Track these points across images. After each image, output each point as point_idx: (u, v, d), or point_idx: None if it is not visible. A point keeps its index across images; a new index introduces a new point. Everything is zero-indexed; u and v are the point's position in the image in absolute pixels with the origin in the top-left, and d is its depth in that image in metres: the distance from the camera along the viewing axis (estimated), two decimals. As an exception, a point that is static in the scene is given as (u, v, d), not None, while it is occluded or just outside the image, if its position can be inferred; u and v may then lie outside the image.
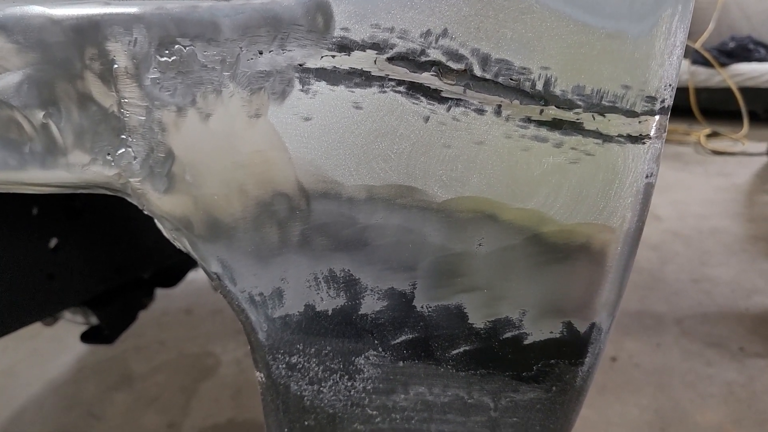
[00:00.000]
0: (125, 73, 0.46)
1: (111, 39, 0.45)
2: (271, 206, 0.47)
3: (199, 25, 0.44)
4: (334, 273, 0.49)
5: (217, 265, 0.50)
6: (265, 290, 0.50)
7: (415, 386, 0.52)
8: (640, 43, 0.41)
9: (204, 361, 2.06)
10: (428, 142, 0.44)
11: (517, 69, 0.42)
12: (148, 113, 0.46)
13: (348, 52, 0.43)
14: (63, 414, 1.82)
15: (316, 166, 0.46)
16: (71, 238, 1.08)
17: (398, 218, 0.46)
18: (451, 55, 0.42)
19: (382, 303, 0.50)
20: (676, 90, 1.66)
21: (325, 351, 0.52)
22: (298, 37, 0.43)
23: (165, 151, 0.47)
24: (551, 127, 0.43)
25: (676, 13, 0.40)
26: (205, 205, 0.48)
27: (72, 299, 1.14)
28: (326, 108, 0.44)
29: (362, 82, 0.43)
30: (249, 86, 0.44)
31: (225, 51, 0.44)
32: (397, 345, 0.51)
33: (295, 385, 0.53)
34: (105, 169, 0.49)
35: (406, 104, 0.43)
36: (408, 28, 0.42)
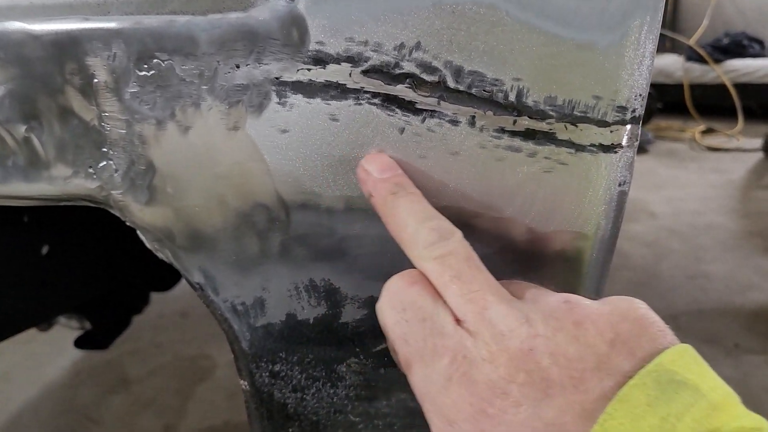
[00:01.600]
0: (105, 88, 0.46)
1: (90, 54, 0.45)
2: (251, 217, 0.48)
3: (176, 39, 0.44)
4: (314, 282, 0.50)
5: (199, 275, 0.50)
6: (247, 300, 0.51)
7: (397, 393, 0.53)
8: (609, 53, 0.41)
9: (200, 363, 2.06)
10: (404, 153, 0.45)
11: (489, 80, 0.42)
12: (128, 126, 0.47)
13: (323, 65, 0.43)
14: (59, 418, 1.83)
15: (295, 177, 0.46)
16: (63, 244, 1.08)
17: (376, 228, 0.46)
18: (425, 68, 0.43)
19: (362, 311, 0.50)
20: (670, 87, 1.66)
21: (308, 359, 0.52)
22: (274, 51, 0.43)
23: (146, 163, 0.48)
24: (525, 137, 0.44)
25: (645, 24, 0.40)
26: (186, 216, 0.49)
27: (65, 306, 1.14)
28: (303, 120, 0.45)
29: (338, 94, 0.44)
30: (227, 99, 0.45)
31: (203, 65, 0.44)
32: (378, 352, 0.52)
33: (278, 393, 0.54)
34: (87, 181, 0.49)
35: (382, 116, 0.44)
36: (382, 42, 0.42)
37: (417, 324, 0.38)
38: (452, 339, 0.36)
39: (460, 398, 0.35)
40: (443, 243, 0.39)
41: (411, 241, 0.40)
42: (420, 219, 0.40)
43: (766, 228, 3.03)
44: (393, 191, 0.42)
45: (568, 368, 0.34)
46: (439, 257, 0.38)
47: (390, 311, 0.40)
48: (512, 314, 0.36)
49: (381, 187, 0.43)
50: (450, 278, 0.38)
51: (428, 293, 0.38)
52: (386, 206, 0.42)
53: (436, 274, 0.38)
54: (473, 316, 0.36)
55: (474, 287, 0.37)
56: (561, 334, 0.35)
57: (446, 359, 0.36)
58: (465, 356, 0.35)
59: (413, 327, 0.38)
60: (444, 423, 0.36)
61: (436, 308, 0.38)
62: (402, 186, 0.42)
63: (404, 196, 0.42)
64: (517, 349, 0.35)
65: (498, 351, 0.35)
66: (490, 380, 0.34)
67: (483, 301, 0.36)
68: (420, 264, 0.40)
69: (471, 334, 0.36)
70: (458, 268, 0.38)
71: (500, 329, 0.35)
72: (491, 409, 0.34)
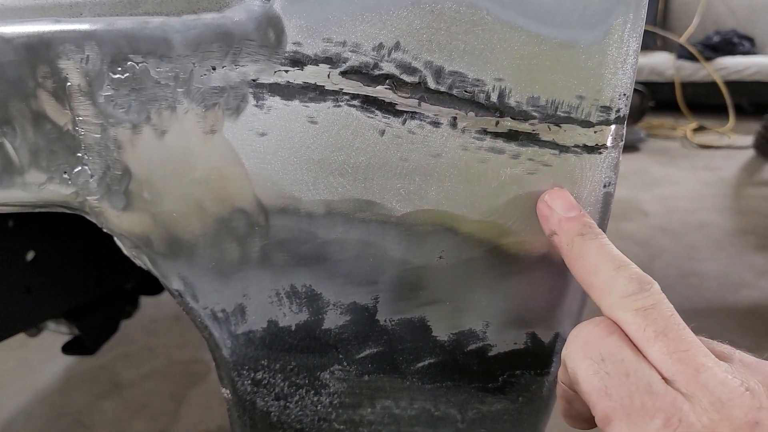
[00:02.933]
0: (79, 91, 0.45)
1: (63, 57, 0.44)
2: (230, 223, 0.47)
3: (150, 41, 0.43)
4: (295, 288, 0.49)
5: (178, 282, 0.49)
6: (228, 306, 0.50)
7: (381, 400, 0.52)
8: (592, 52, 0.40)
9: (193, 367, 2.05)
10: (385, 156, 0.44)
11: (471, 81, 0.41)
12: (103, 131, 0.46)
13: (301, 66, 0.42)
14: (52, 424, 1.81)
15: (274, 181, 0.45)
16: (49, 250, 1.07)
17: (358, 233, 0.45)
18: (405, 68, 0.42)
19: (345, 317, 0.49)
20: (661, 85, 1.66)
21: (290, 366, 0.51)
22: (250, 53, 0.42)
23: (121, 168, 0.47)
24: (507, 138, 0.43)
25: (628, 22, 0.40)
26: (164, 222, 0.48)
27: (51, 312, 1.13)
28: (281, 123, 0.44)
29: (316, 96, 0.43)
30: (203, 102, 0.44)
31: (178, 67, 0.43)
32: (361, 359, 0.51)
33: (261, 401, 0.53)
34: (62, 187, 0.48)
35: (361, 118, 0.43)
36: (360, 42, 0.41)
37: (620, 378, 0.35)
38: (665, 400, 0.33)
39: None
40: (645, 294, 0.36)
41: (605, 289, 0.38)
42: (615, 265, 0.38)
43: (758, 225, 3.03)
44: (581, 232, 0.40)
45: None
46: (641, 309, 0.36)
47: (585, 361, 0.37)
48: (731, 381, 0.33)
49: (568, 227, 0.41)
50: (655, 334, 0.35)
51: (627, 346, 0.36)
52: (573, 248, 0.40)
53: (637, 327, 0.36)
54: (685, 378, 0.33)
55: (683, 347, 0.35)
56: None
57: (659, 421, 0.33)
58: (681, 420, 0.33)
59: (616, 380, 0.35)
60: None
61: (639, 363, 0.35)
62: (590, 227, 0.40)
63: (593, 238, 0.40)
64: (741, 421, 0.32)
65: (720, 420, 0.32)
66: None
67: (695, 362, 0.34)
68: (615, 313, 0.37)
69: (685, 396, 0.33)
70: (663, 323, 0.35)
71: (719, 396, 0.33)
72: None
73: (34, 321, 1.09)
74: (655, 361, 0.35)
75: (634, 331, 0.36)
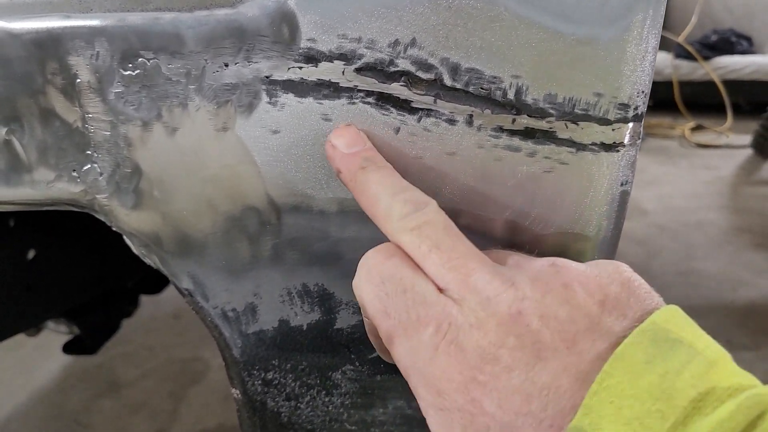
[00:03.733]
0: (88, 88, 0.44)
1: (72, 53, 0.44)
2: (241, 221, 0.46)
3: (162, 37, 0.42)
4: (307, 287, 0.48)
5: (188, 281, 0.49)
6: (238, 306, 0.49)
7: (393, 400, 0.51)
8: (611, 49, 0.40)
9: (193, 366, 2.04)
10: (399, 154, 0.43)
11: (487, 78, 0.41)
12: (113, 128, 0.45)
13: (315, 63, 0.42)
14: (49, 423, 1.81)
15: (286, 179, 0.45)
16: (50, 249, 1.06)
17: (371, 231, 0.45)
18: (421, 65, 0.41)
19: (357, 317, 0.49)
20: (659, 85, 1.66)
21: (302, 366, 0.51)
22: (263, 49, 0.42)
23: (131, 166, 0.46)
24: (524, 136, 0.42)
25: (648, 18, 0.39)
26: (174, 220, 0.47)
27: (52, 311, 1.12)
28: (295, 120, 0.43)
29: (331, 93, 0.42)
30: (215, 99, 0.43)
31: (190, 63, 0.43)
32: (374, 359, 0.50)
33: (271, 402, 0.52)
34: (71, 185, 0.48)
35: (376, 115, 0.43)
36: (375, 38, 0.41)
37: (398, 296, 0.36)
38: (436, 307, 0.35)
39: (449, 367, 0.34)
40: (418, 214, 0.37)
41: (385, 216, 0.39)
42: (392, 192, 0.39)
43: (756, 224, 3.04)
44: (362, 165, 0.40)
45: (560, 330, 0.33)
46: (415, 228, 0.37)
47: (367, 285, 0.38)
48: (497, 279, 0.35)
49: (349, 162, 0.41)
50: (428, 248, 0.36)
51: (407, 265, 0.37)
52: (356, 182, 0.40)
53: (414, 245, 0.37)
54: (456, 284, 0.35)
55: (454, 255, 0.36)
56: (550, 296, 0.34)
57: (431, 328, 0.35)
58: (451, 324, 0.34)
59: (394, 299, 0.37)
60: (433, 395, 0.35)
61: (416, 279, 0.36)
62: (371, 160, 0.41)
63: (374, 170, 0.40)
64: (505, 314, 0.33)
65: (486, 316, 0.34)
66: (479, 347, 0.33)
67: (465, 268, 0.35)
68: (396, 237, 0.38)
69: (456, 301, 0.35)
70: (436, 237, 0.37)
71: (486, 294, 0.34)
72: (482, 377, 0.33)
73: (35, 320, 1.08)
74: (430, 274, 0.36)
75: (411, 250, 0.37)
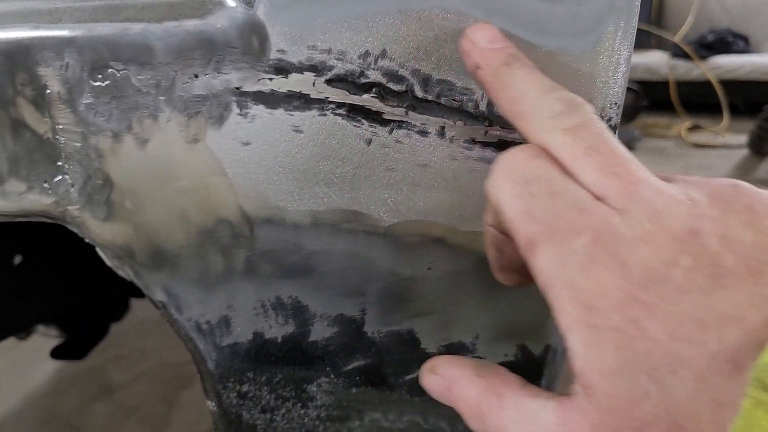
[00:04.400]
0: (58, 99, 0.44)
1: (42, 63, 0.43)
2: (214, 233, 0.46)
3: (131, 48, 0.42)
4: (281, 300, 0.48)
5: (161, 293, 0.48)
6: (212, 318, 0.49)
7: (369, 413, 0.51)
8: (582, 60, 0.39)
9: (185, 369, 2.03)
10: (371, 166, 0.43)
11: (459, 89, 0.41)
12: (83, 139, 0.45)
13: (285, 74, 0.41)
14: (42, 427, 1.80)
15: (258, 191, 0.44)
16: (36, 254, 1.06)
17: (345, 243, 0.44)
18: (392, 77, 0.41)
19: (332, 329, 0.48)
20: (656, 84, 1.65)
21: (277, 379, 0.50)
22: (233, 60, 0.41)
23: (103, 177, 0.46)
24: (497, 148, 0.42)
25: (619, 30, 0.39)
26: (146, 232, 0.47)
27: (40, 316, 1.12)
28: (266, 132, 0.43)
29: (301, 105, 0.42)
30: (186, 110, 0.43)
31: (159, 75, 0.42)
32: (349, 371, 0.50)
33: (247, 414, 0.52)
34: (42, 197, 0.47)
35: (348, 127, 0.42)
36: (346, 50, 0.40)
37: (545, 197, 0.32)
38: (594, 215, 0.30)
39: (606, 281, 0.29)
40: (575, 113, 0.33)
41: (531, 114, 0.34)
42: (542, 89, 0.35)
43: (752, 224, 3.03)
44: (507, 62, 0.36)
45: (744, 256, 0.28)
46: (570, 128, 0.32)
47: (507, 183, 0.33)
48: (669, 190, 0.30)
49: (492, 57, 0.37)
50: (584, 150, 0.32)
51: (555, 167, 0.32)
52: (497, 77, 0.36)
53: (566, 147, 0.32)
54: (619, 192, 0.30)
55: (616, 161, 0.31)
56: (732, 217, 0.29)
57: (586, 237, 0.30)
58: (612, 234, 0.30)
59: (540, 200, 0.32)
60: (582, 310, 0.30)
61: (567, 182, 0.32)
62: (516, 57, 0.37)
63: (520, 66, 0.36)
64: (679, 229, 0.29)
65: (656, 230, 0.29)
66: (645, 263, 0.29)
67: (630, 175, 0.31)
68: (542, 138, 0.33)
69: (618, 211, 0.30)
70: (594, 140, 0.32)
71: (655, 207, 0.30)
72: (646, 296, 0.29)
73: (23, 326, 1.08)
74: (584, 179, 0.32)
75: (562, 151, 0.33)
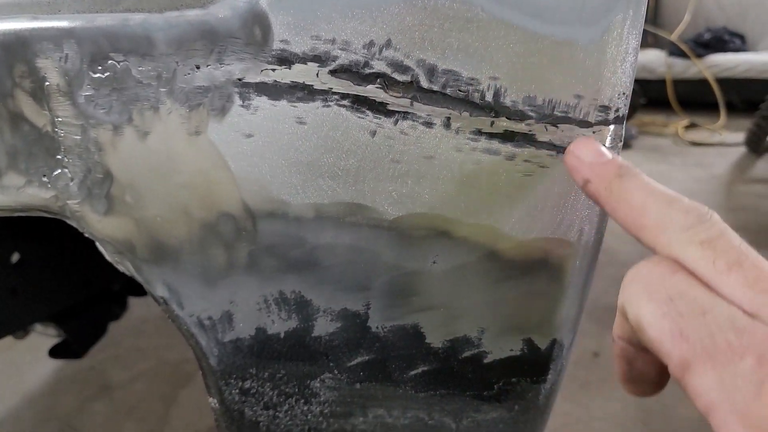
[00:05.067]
0: (57, 91, 0.43)
1: (41, 55, 0.43)
2: (216, 227, 0.45)
3: (132, 39, 0.41)
4: (284, 295, 0.47)
5: (163, 288, 0.48)
6: (214, 314, 0.48)
7: (373, 409, 0.50)
8: (591, 50, 0.39)
9: (184, 368, 2.03)
10: (376, 158, 0.42)
11: (465, 80, 0.40)
12: (83, 132, 0.44)
13: (289, 65, 0.41)
14: (40, 427, 1.79)
15: (261, 184, 0.44)
16: (34, 252, 1.05)
17: (349, 237, 0.44)
18: (397, 67, 0.40)
19: (335, 324, 0.48)
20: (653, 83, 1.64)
21: (279, 375, 0.50)
22: (236, 51, 0.41)
23: (103, 171, 0.45)
24: (503, 139, 0.41)
25: (627, 18, 0.38)
26: (147, 227, 0.46)
27: (38, 315, 1.11)
28: (268, 124, 0.42)
29: (305, 96, 0.41)
30: (187, 102, 0.42)
31: (160, 66, 0.42)
32: (353, 367, 0.49)
33: (249, 411, 0.51)
34: (41, 191, 0.47)
35: (352, 118, 0.41)
36: (350, 40, 0.40)
37: (696, 317, 0.31)
38: (754, 336, 0.29)
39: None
40: (707, 225, 0.32)
41: (659, 227, 0.34)
42: (666, 200, 0.34)
43: (749, 222, 3.04)
44: (619, 174, 0.36)
45: None
46: (706, 241, 0.32)
47: (650, 303, 0.32)
48: None
49: (603, 171, 0.37)
50: (727, 265, 0.31)
51: (698, 283, 0.32)
52: (613, 192, 0.36)
53: (705, 261, 0.31)
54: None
55: (763, 275, 0.30)
56: None
57: (750, 359, 0.29)
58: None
59: (691, 320, 0.31)
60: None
61: (715, 299, 0.31)
62: (627, 168, 0.36)
63: (633, 177, 0.36)
64: None
65: None
66: None
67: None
68: (676, 251, 0.33)
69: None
70: (735, 253, 0.31)
71: None
72: None
73: (20, 324, 1.07)
74: (732, 296, 0.31)
75: (702, 267, 0.32)
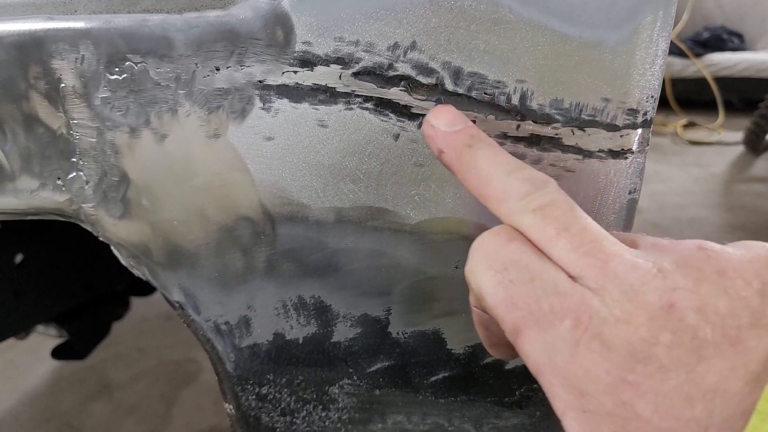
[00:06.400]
0: (73, 93, 0.43)
1: (56, 56, 0.42)
2: (234, 231, 0.45)
3: (150, 40, 0.41)
4: (303, 300, 0.46)
5: (179, 293, 0.47)
6: (231, 319, 0.47)
7: (393, 415, 0.50)
8: (619, 52, 0.38)
9: (185, 367, 2.02)
10: (399, 162, 0.41)
11: (491, 82, 0.39)
12: (99, 135, 0.43)
13: (311, 67, 0.40)
14: (40, 426, 1.78)
15: (281, 188, 0.43)
16: (38, 253, 1.04)
17: (370, 242, 0.43)
18: (421, 69, 0.39)
19: (355, 330, 0.47)
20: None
21: (297, 381, 0.49)
22: (257, 52, 0.40)
23: (119, 174, 0.44)
24: (529, 143, 0.41)
25: (657, 20, 0.38)
26: (163, 231, 0.45)
27: (41, 316, 1.10)
28: (289, 127, 0.41)
29: (327, 98, 0.41)
30: (206, 105, 0.42)
31: (179, 68, 0.41)
32: (372, 373, 0.49)
33: (266, 417, 0.51)
34: (55, 194, 0.46)
35: (375, 121, 0.41)
36: (374, 41, 0.39)
37: (525, 284, 0.32)
38: (572, 298, 0.31)
39: (594, 366, 0.30)
40: (540, 193, 0.34)
41: (499, 196, 0.35)
42: (507, 170, 0.35)
43: (748, 221, 3.04)
44: (468, 143, 0.37)
45: (721, 326, 0.29)
46: (538, 208, 0.33)
47: (487, 272, 0.34)
48: (641, 265, 0.30)
49: (454, 140, 0.37)
50: (556, 231, 0.32)
51: (530, 249, 0.33)
52: (462, 161, 0.37)
53: (538, 228, 0.33)
54: (593, 271, 0.31)
55: (587, 238, 0.32)
56: (704, 285, 0.30)
57: (569, 321, 0.31)
58: (592, 316, 0.30)
59: (521, 288, 0.33)
60: (574, 395, 0.31)
61: (544, 265, 0.32)
62: (477, 137, 0.37)
63: (482, 148, 0.36)
64: (655, 305, 0.29)
65: (633, 309, 0.30)
66: (628, 343, 0.29)
67: (602, 253, 0.31)
68: (514, 219, 0.34)
69: (594, 291, 0.31)
70: (564, 218, 0.33)
71: (630, 283, 0.30)
72: (633, 377, 0.29)
73: (23, 326, 1.06)
74: (560, 260, 0.32)
75: (535, 233, 0.33)
